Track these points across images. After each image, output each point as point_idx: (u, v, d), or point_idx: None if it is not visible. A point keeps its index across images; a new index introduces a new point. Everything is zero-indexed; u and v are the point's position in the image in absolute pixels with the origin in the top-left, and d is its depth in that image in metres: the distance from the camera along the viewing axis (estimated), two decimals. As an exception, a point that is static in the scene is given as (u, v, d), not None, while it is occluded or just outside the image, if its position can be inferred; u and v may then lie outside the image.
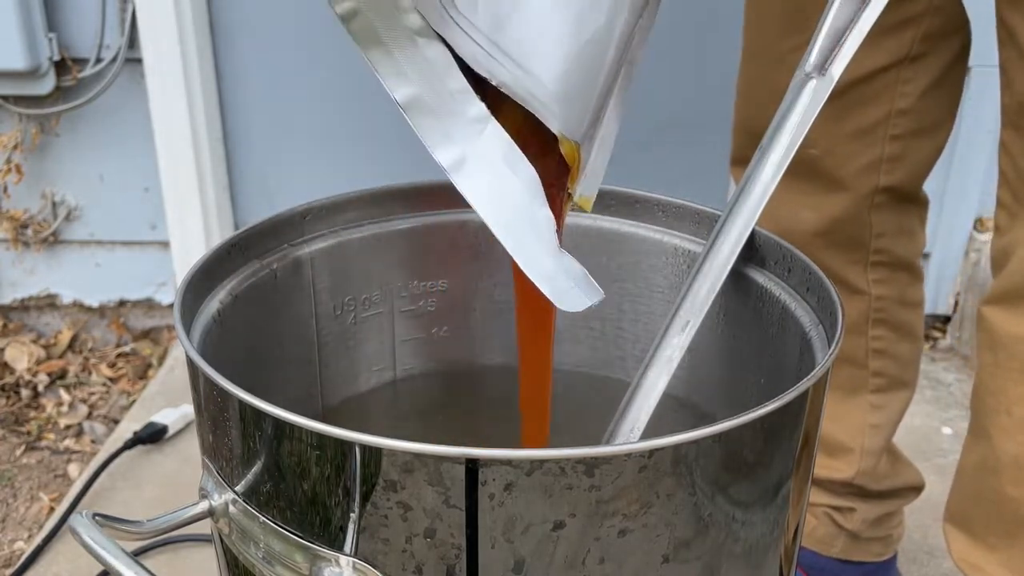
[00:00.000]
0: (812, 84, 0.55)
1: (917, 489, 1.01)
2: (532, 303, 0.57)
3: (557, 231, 0.51)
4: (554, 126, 0.50)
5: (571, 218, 0.68)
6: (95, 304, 1.66)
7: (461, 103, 0.47)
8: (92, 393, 1.52)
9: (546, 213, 0.49)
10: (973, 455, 0.79)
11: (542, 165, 0.50)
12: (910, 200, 0.90)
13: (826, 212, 0.87)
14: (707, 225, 0.63)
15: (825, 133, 0.83)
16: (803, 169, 0.85)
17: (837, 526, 0.98)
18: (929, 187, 1.58)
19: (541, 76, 0.48)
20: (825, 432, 0.95)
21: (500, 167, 0.48)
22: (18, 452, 1.38)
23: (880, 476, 0.96)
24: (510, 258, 0.50)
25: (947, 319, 1.60)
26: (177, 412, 1.32)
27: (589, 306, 0.50)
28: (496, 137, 0.48)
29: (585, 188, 0.55)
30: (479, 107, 0.47)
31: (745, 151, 0.90)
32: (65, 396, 1.50)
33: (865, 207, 0.87)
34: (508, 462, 0.39)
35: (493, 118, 0.48)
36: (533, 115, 0.49)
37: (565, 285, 0.50)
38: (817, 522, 0.99)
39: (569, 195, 0.55)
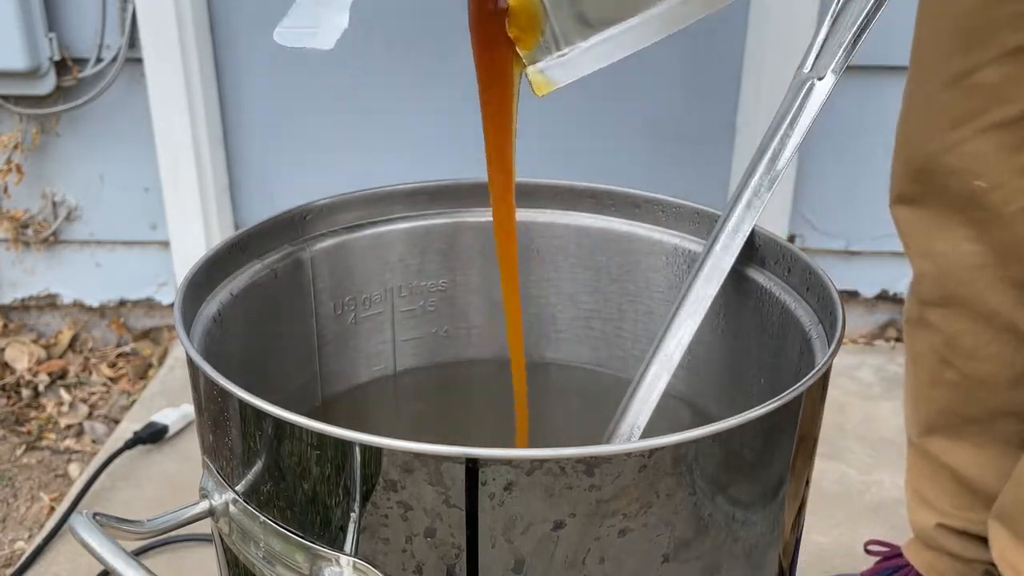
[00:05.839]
0: (811, 85, 0.55)
1: None
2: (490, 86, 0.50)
3: (494, 85, 0.46)
4: None
5: (571, 218, 0.68)
6: (95, 304, 1.66)
7: None
8: (92, 393, 1.52)
9: None
10: None
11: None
12: None
13: (991, 247, 0.78)
14: (707, 225, 0.63)
15: (995, 165, 0.76)
16: (965, 201, 0.78)
17: None
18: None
19: None
20: (991, 491, 0.86)
21: None
22: (18, 452, 1.38)
23: None
24: None
25: (947, 319, 1.60)
26: (177, 412, 1.32)
27: (298, 46, 0.45)
28: None
29: (552, 68, 0.48)
30: None
31: (907, 186, 0.82)
32: (65, 396, 1.50)
33: None
34: (508, 462, 0.39)
35: None
36: None
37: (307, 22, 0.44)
38: None
39: (519, 57, 0.48)
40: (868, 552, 1.03)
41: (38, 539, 1.12)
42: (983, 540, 0.88)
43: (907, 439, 0.93)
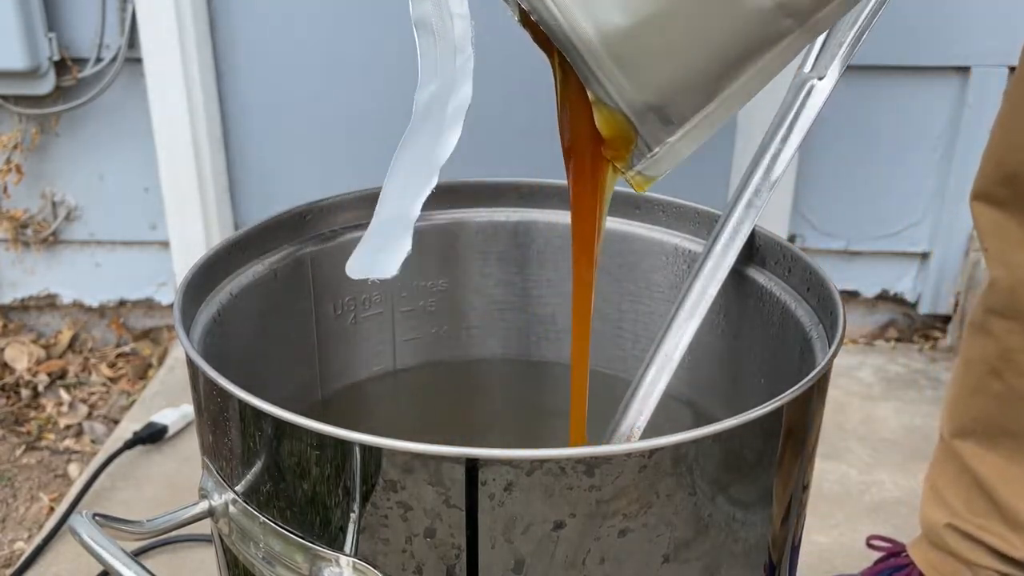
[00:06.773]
0: (811, 86, 0.55)
1: None
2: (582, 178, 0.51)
3: (591, 210, 0.49)
4: (594, 88, 0.43)
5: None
6: (95, 304, 1.66)
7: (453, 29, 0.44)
8: (92, 393, 1.52)
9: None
10: None
11: (583, 119, 0.45)
12: None
13: None
14: (707, 225, 0.63)
15: None
16: None
17: None
18: (928, 186, 1.57)
19: (593, 26, 0.40)
20: (1010, 505, 0.86)
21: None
22: (18, 452, 1.38)
23: None
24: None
25: (947, 319, 1.60)
26: (177, 412, 1.32)
27: (366, 277, 0.52)
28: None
29: (648, 167, 0.48)
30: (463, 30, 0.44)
31: (993, 187, 0.81)
32: (65, 396, 1.50)
33: None
34: (508, 462, 0.39)
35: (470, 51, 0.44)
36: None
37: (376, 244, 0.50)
38: None
39: (616, 168, 0.49)
40: (871, 547, 1.02)
41: (37, 539, 1.11)
42: (990, 548, 0.88)
43: (939, 435, 0.93)
